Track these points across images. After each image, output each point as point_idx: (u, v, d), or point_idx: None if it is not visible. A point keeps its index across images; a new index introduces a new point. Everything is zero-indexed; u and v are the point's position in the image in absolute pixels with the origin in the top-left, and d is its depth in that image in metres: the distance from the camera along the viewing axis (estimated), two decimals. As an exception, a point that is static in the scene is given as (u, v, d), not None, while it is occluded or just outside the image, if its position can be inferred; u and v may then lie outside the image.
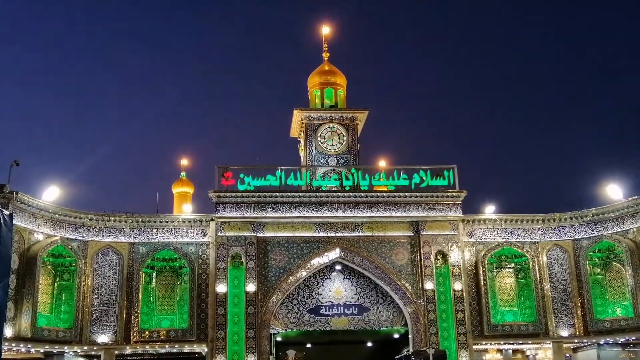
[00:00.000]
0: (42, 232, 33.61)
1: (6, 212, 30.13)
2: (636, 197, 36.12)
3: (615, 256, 36.67)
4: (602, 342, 36.50)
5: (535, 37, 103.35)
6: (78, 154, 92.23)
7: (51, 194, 34.45)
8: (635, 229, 35.99)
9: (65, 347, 33.60)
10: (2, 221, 29.47)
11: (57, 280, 34.45)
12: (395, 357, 39.78)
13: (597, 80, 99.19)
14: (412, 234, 37.09)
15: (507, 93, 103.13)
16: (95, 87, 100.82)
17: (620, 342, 36.38)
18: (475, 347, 36.14)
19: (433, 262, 36.48)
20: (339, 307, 37.20)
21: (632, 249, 35.53)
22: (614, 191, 37.44)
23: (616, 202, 36.97)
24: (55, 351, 33.64)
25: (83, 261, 34.58)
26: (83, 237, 35.08)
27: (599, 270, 37.25)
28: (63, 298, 34.24)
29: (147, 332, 34.78)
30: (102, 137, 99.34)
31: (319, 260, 36.54)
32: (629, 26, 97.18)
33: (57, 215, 34.30)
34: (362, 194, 37.11)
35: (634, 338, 35.71)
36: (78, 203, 37.17)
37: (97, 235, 35.45)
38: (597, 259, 37.29)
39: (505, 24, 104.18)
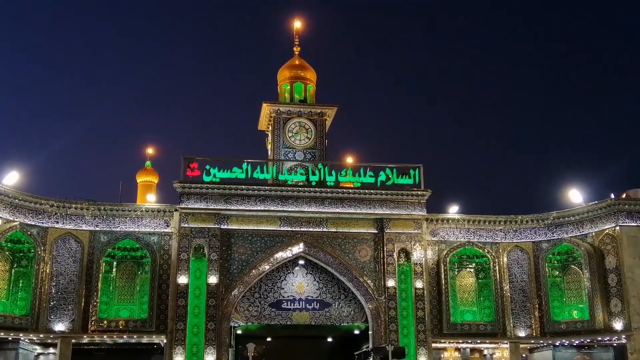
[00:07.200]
0: (0, 217, 32.95)
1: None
2: (596, 201, 36.83)
3: (574, 259, 37.24)
4: (557, 344, 37.22)
5: (505, 42, 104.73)
6: (41, 140, 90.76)
7: (11, 178, 33.79)
8: (594, 233, 36.65)
9: (21, 335, 33.07)
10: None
11: (14, 266, 33.84)
12: (355, 353, 39.99)
13: (563, 88, 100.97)
14: (376, 231, 37.23)
15: (475, 96, 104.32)
16: (61, 72, 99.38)
17: (575, 344, 37.19)
18: (434, 345, 36.47)
19: (396, 259, 36.65)
20: (301, 302, 37.21)
21: (590, 252, 36.14)
22: (575, 195, 38.09)
23: (577, 206, 37.61)
24: (10, 338, 33.13)
25: (42, 248, 34.00)
26: (43, 223, 34.48)
27: (557, 272, 37.82)
28: (20, 285, 33.63)
29: (105, 322, 34.36)
30: (67, 123, 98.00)
31: (282, 255, 36.47)
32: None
33: (16, 201, 33.65)
34: (328, 190, 37.12)
35: (588, 340, 36.45)
36: (39, 189, 36.58)
37: (57, 222, 34.88)
38: (556, 262, 37.85)
39: (476, 28, 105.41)
